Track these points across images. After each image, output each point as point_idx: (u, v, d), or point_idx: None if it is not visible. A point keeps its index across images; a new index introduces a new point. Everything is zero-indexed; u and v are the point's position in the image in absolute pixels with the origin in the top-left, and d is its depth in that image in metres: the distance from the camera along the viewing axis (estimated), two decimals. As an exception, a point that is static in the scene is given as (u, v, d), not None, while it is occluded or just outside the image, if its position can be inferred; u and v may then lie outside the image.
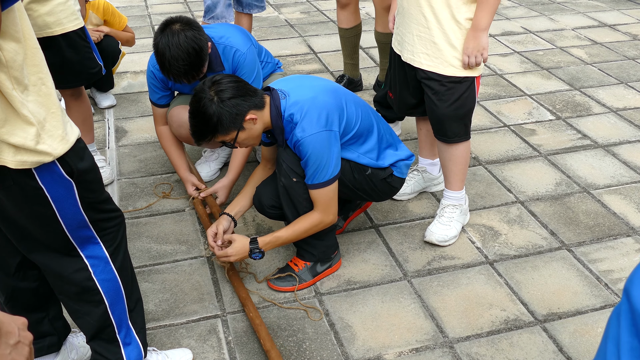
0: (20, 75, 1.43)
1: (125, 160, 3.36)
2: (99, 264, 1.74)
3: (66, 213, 1.62)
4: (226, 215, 2.50)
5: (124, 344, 1.86)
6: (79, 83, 2.88)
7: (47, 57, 2.67)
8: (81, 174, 1.60)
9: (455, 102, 2.50)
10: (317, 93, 2.26)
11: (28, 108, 1.45)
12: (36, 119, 1.47)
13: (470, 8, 2.37)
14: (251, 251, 2.34)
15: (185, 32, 2.51)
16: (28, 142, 1.46)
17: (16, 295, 1.85)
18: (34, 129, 1.46)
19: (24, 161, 1.48)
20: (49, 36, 2.61)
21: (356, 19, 3.83)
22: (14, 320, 1.04)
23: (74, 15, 2.67)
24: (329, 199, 2.29)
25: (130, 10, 5.73)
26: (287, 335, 2.25)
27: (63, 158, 1.55)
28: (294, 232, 2.34)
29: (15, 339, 1.02)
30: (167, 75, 2.59)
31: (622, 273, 2.57)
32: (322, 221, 2.33)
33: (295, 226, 2.34)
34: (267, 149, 2.52)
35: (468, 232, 2.80)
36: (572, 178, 3.22)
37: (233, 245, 2.35)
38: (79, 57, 2.75)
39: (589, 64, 4.62)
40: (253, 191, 2.54)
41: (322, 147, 2.20)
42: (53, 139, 1.50)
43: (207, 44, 2.58)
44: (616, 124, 3.76)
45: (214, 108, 2.12)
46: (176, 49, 2.49)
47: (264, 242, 2.35)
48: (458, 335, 2.26)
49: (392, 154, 2.46)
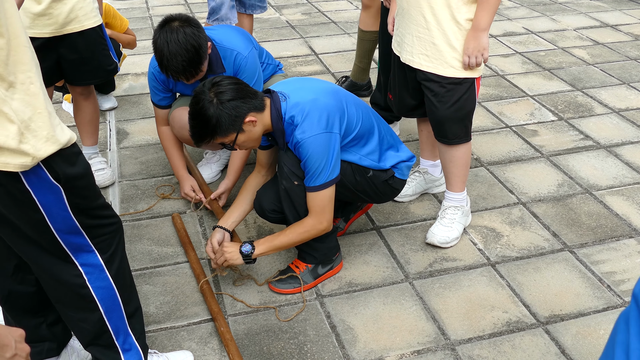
0: (3, 71, 1.39)
1: (127, 162, 3.35)
2: (94, 271, 1.72)
3: (56, 218, 1.59)
4: (219, 228, 2.49)
5: (123, 350, 1.84)
6: (96, 80, 2.94)
7: (66, 54, 2.72)
8: (70, 180, 1.57)
9: (455, 104, 2.50)
10: (318, 95, 2.25)
11: (10, 106, 1.41)
12: (19, 117, 1.43)
13: (470, 9, 2.36)
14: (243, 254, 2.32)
15: (184, 29, 2.50)
16: (9, 141, 1.42)
17: (13, 298, 1.84)
18: (14, 127, 1.42)
19: (7, 163, 1.44)
20: (69, 33, 2.64)
21: (375, 24, 3.67)
22: (11, 332, 1.03)
23: (93, 12, 2.72)
24: (324, 205, 2.27)
25: (132, 12, 5.73)
26: (288, 338, 2.24)
27: (49, 163, 1.51)
28: (286, 238, 2.33)
29: (11, 351, 1.01)
30: (166, 72, 2.58)
31: (625, 275, 2.56)
32: (314, 227, 2.30)
33: (287, 232, 2.33)
34: (263, 154, 2.50)
35: (470, 234, 2.79)
36: (574, 179, 3.21)
37: (225, 249, 2.35)
38: (97, 54, 2.79)
39: (591, 64, 4.61)
40: (247, 200, 2.52)
41: (321, 149, 2.19)
42: (37, 139, 1.46)
43: (207, 43, 2.57)
44: (618, 125, 3.75)
45: (213, 110, 2.11)
46: (175, 46, 2.48)
47: (257, 243, 2.33)
48: (460, 337, 2.26)
49: (393, 155, 2.45)
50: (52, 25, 2.62)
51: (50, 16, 2.60)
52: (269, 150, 2.48)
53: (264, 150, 2.48)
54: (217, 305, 2.34)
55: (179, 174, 2.97)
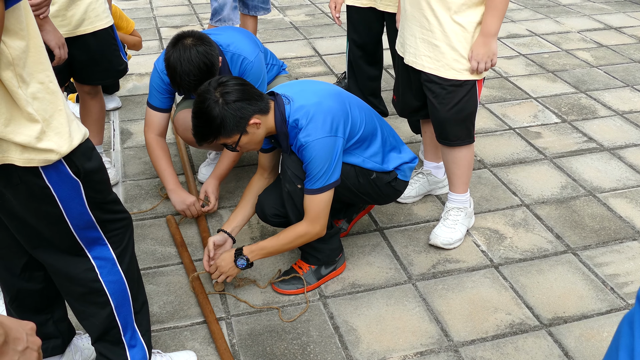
0: (25, 73, 1.43)
1: (130, 162, 3.36)
2: (106, 265, 1.74)
3: (73, 213, 1.62)
4: (222, 232, 2.48)
5: (129, 346, 1.86)
6: (106, 80, 2.98)
7: (78, 55, 2.74)
8: (88, 174, 1.60)
9: (456, 106, 2.49)
10: (322, 98, 2.25)
11: (33, 106, 1.45)
12: (42, 116, 1.47)
13: (475, 11, 2.36)
14: (235, 257, 2.33)
15: (197, 47, 2.50)
16: (33, 141, 1.46)
17: (21, 296, 1.85)
18: (38, 127, 1.46)
19: (31, 159, 1.48)
20: (82, 34, 2.66)
21: None
22: (21, 325, 1.03)
23: (105, 13, 2.74)
24: (320, 210, 2.26)
25: (136, 12, 5.74)
26: (291, 339, 2.24)
27: (70, 157, 1.55)
28: (278, 243, 2.33)
29: (23, 344, 1.01)
30: (178, 89, 2.60)
31: (628, 277, 2.56)
32: (308, 232, 2.29)
33: (280, 237, 2.33)
34: (264, 157, 2.49)
35: (473, 236, 2.79)
36: (577, 181, 3.21)
37: (219, 259, 2.36)
38: (108, 54, 2.81)
39: (594, 66, 4.61)
40: (250, 204, 2.51)
41: (325, 152, 2.18)
42: (60, 136, 1.51)
43: (219, 59, 2.56)
44: (622, 127, 3.74)
45: (218, 110, 2.11)
46: (187, 64, 2.48)
47: (249, 250, 2.34)
48: (463, 339, 2.26)
49: (396, 157, 2.45)
50: (66, 27, 2.62)
51: (64, 17, 2.61)
52: (271, 153, 2.48)
53: (266, 153, 2.47)
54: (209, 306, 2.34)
55: (170, 187, 2.84)
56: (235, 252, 2.35)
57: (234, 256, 2.34)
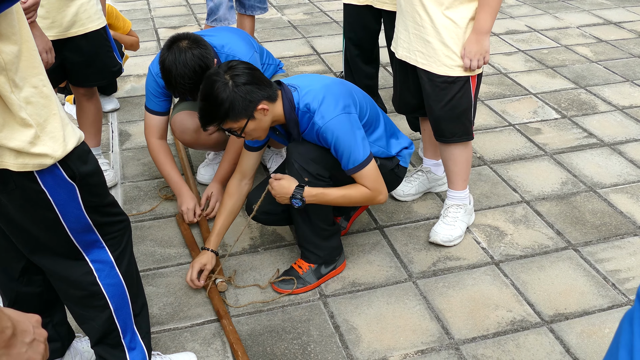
0: (18, 77, 1.42)
1: (129, 163, 3.35)
2: (104, 268, 1.73)
3: (70, 217, 1.61)
4: (206, 251, 2.45)
5: (128, 349, 1.85)
6: (100, 81, 2.97)
7: (70, 57, 2.73)
8: (84, 178, 1.59)
9: (449, 103, 2.48)
10: (328, 83, 2.28)
11: (27, 111, 1.44)
12: (35, 121, 1.46)
13: (467, 7, 2.35)
14: (293, 196, 2.23)
15: (192, 50, 2.48)
16: (27, 146, 1.45)
17: (20, 300, 1.84)
18: (32, 131, 1.45)
19: (25, 164, 1.47)
20: (74, 36, 2.64)
21: None
22: (28, 318, 1.05)
23: (97, 14, 2.72)
24: (374, 179, 2.25)
25: (133, 13, 5.74)
26: (291, 338, 2.24)
27: (65, 161, 1.54)
28: (339, 193, 2.26)
29: (30, 337, 1.02)
30: (173, 92, 2.59)
31: (629, 273, 2.55)
32: (374, 198, 2.29)
33: (346, 191, 2.27)
34: (248, 158, 2.45)
35: (473, 233, 2.78)
36: (578, 177, 3.19)
37: (280, 182, 2.23)
38: (101, 55, 2.80)
39: (594, 62, 4.60)
40: (228, 213, 2.47)
41: (346, 128, 2.18)
42: (54, 140, 1.49)
43: (214, 61, 2.55)
44: (622, 122, 3.73)
45: (228, 92, 2.08)
46: (182, 67, 2.47)
47: (310, 193, 2.23)
48: (464, 336, 2.25)
49: (395, 142, 2.48)
50: (57, 29, 2.61)
51: (55, 19, 2.60)
52: (255, 155, 2.45)
53: (254, 151, 2.44)
54: (223, 308, 2.34)
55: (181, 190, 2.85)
56: (296, 188, 2.22)
57: (292, 194, 2.22)
